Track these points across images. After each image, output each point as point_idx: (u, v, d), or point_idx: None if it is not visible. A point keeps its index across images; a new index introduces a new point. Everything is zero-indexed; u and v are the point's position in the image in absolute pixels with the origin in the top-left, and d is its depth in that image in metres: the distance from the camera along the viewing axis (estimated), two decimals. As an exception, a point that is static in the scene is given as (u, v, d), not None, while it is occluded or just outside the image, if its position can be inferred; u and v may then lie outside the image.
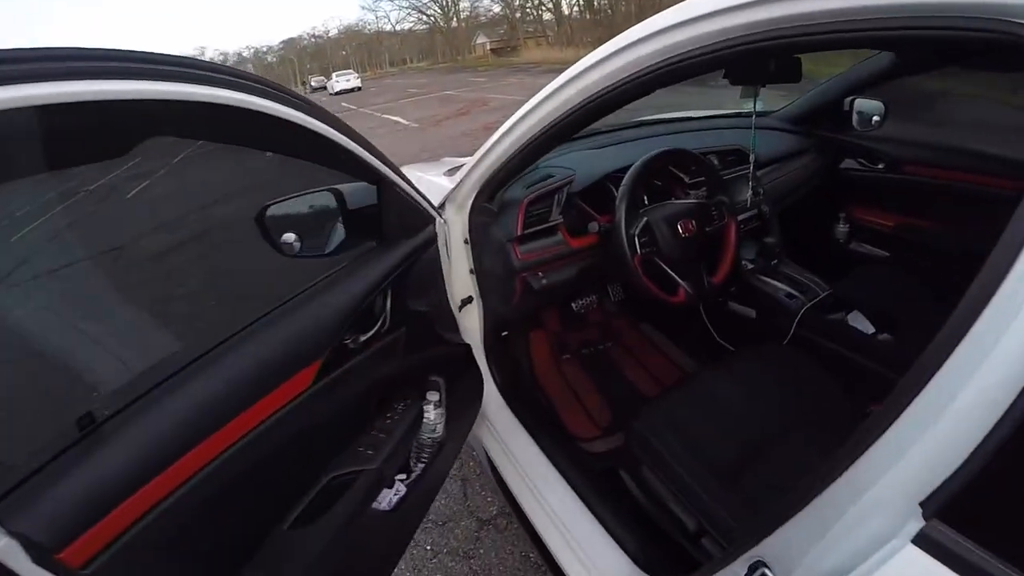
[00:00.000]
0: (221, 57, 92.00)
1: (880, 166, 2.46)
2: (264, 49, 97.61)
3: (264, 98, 0.86)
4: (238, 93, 0.82)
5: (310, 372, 1.05)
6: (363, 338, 1.23)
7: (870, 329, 1.90)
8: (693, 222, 1.73)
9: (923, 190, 2.29)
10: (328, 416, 1.15)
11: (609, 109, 1.19)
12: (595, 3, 38.55)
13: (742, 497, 1.23)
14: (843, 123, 2.43)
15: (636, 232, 1.64)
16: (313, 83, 43.23)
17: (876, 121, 2.26)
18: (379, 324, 1.28)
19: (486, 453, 1.74)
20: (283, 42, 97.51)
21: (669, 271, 1.69)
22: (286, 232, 1.13)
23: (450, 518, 2.10)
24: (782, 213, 2.29)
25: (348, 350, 1.19)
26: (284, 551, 1.06)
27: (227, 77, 0.82)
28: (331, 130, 1.01)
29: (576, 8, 41.83)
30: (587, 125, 1.30)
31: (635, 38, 1.02)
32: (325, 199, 1.22)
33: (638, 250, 1.64)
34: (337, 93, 32.03)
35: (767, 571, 0.76)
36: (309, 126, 0.96)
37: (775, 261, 2.11)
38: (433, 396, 1.47)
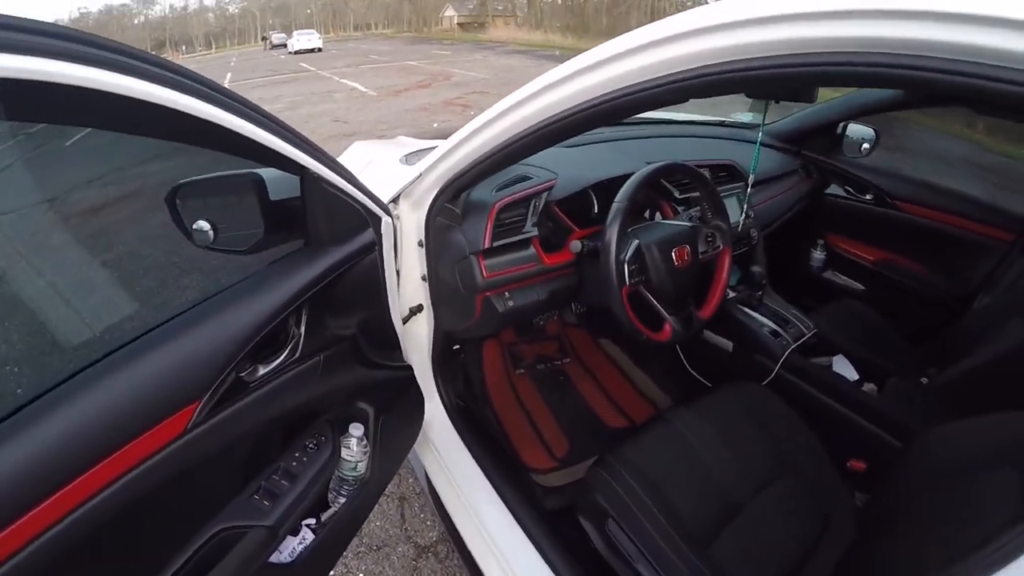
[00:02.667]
0: (183, 1, 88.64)
1: (868, 197, 2.39)
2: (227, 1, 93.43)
3: (146, 80, 0.67)
4: (114, 75, 0.64)
5: (185, 415, 0.82)
6: (263, 370, 1.00)
7: (854, 376, 1.79)
8: (688, 249, 1.51)
9: (909, 228, 2.25)
10: (215, 460, 0.93)
11: (622, 115, 0.95)
12: (569, -12, 38.34)
13: (714, 564, 1.17)
14: (833, 147, 2.38)
15: (626, 258, 1.40)
16: (274, 39, 42.12)
17: (865, 148, 2.23)
18: (288, 351, 1.05)
19: (426, 475, 1.59)
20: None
21: (657, 305, 1.47)
22: (200, 218, 0.96)
23: (386, 542, 1.91)
24: (765, 238, 2.13)
25: (243, 384, 0.97)
26: None
27: (103, 53, 0.64)
28: (234, 118, 0.80)
29: (551, -9, 41.61)
30: (592, 128, 1.06)
31: (668, 34, 0.80)
32: (242, 185, 1.00)
33: (627, 280, 1.40)
34: (296, 52, 31.47)
35: None
36: (207, 116, 0.76)
37: (760, 292, 1.94)
38: (356, 431, 1.25)
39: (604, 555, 1.28)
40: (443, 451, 1.55)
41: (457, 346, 1.83)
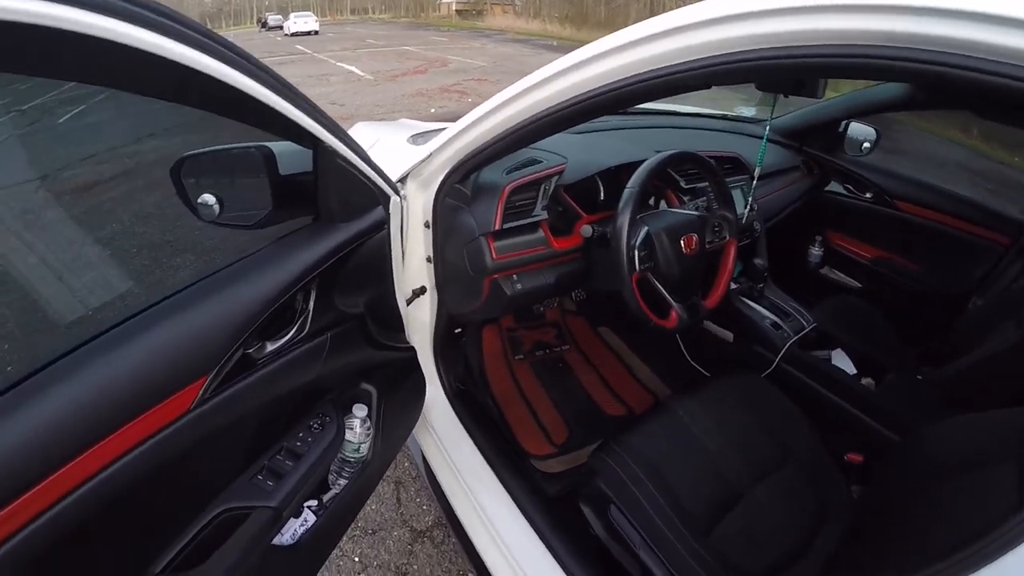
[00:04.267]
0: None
1: (868, 195, 2.41)
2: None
3: (163, 35, 0.63)
4: (130, 26, 0.60)
5: (192, 391, 0.81)
6: (271, 347, 0.99)
7: (852, 370, 1.80)
8: (695, 237, 1.52)
9: (908, 227, 2.28)
10: (219, 439, 0.91)
11: (635, 101, 0.96)
12: (568, -23, 38.21)
13: (715, 550, 1.19)
14: (835, 145, 2.39)
15: (637, 243, 1.40)
16: (270, 21, 41.33)
17: (866, 148, 2.25)
18: (296, 328, 1.04)
19: (423, 458, 1.60)
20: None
21: (664, 292, 1.47)
22: (206, 192, 0.93)
23: (381, 526, 1.90)
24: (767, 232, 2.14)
25: (250, 360, 0.95)
26: None
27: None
28: (250, 81, 0.77)
29: (549, -20, 41.48)
30: (604, 114, 1.06)
31: (683, 23, 0.81)
32: (251, 158, 0.97)
33: (637, 266, 1.40)
34: (293, 34, 31.10)
35: None
36: (221, 77, 0.72)
37: (761, 284, 1.95)
38: (360, 411, 1.23)
39: (605, 541, 1.28)
40: (443, 435, 1.55)
41: (459, 330, 1.82)
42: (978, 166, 3.08)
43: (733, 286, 1.93)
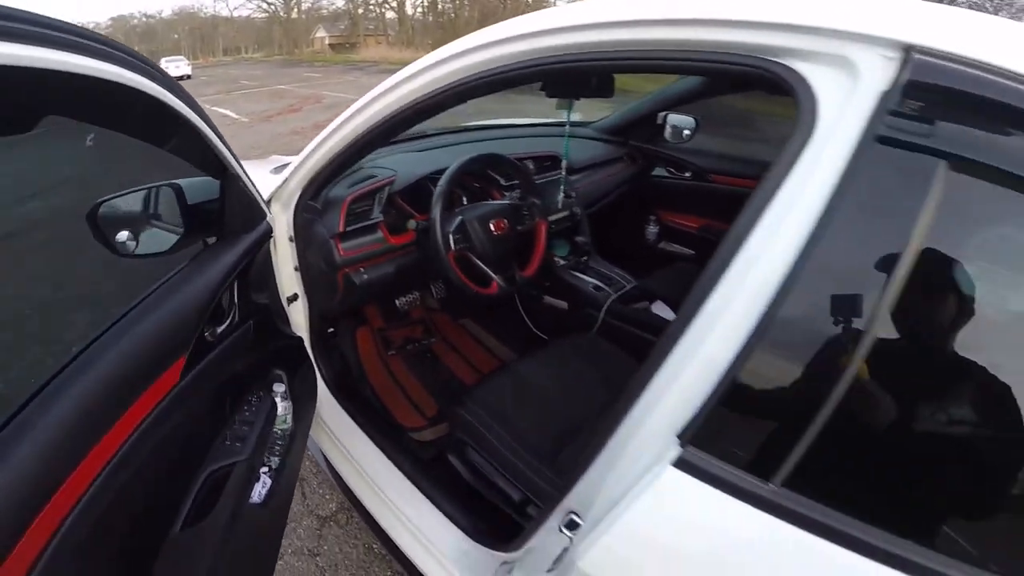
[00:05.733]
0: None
1: (687, 175, 2.79)
2: (92, 25, 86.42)
3: (112, 64, 0.76)
4: (89, 59, 0.71)
5: (178, 367, 1.00)
6: (219, 330, 1.20)
7: (671, 316, 2.11)
8: (505, 221, 1.87)
9: (724, 196, 2.64)
10: (198, 410, 1.12)
11: (433, 112, 1.25)
12: (439, 5, 38.78)
13: (560, 469, 1.36)
14: (656, 135, 2.74)
15: (451, 230, 1.75)
16: (139, 67, 39.41)
17: (687, 135, 2.57)
18: (230, 317, 1.27)
19: (320, 450, 1.80)
20: (112, 19, 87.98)
21: (482, 265, 1.82)
22: (120, 230, 1.07)
23: (291, 519, 2.07)
24: (595, 215, 2.51)
25: (207, 343, 1.15)
26: (180, 554, 1.03)
27: (71, 38, 0.69)
28: (188, 110, 0.94)
29: (420, 9, 41.96)
30: (411, 127, 1.35)
31: (460, 49, 1.11)
32: (163, 195, 1.13)
33: (452, 247, 1.74)
34: (163, 81, 29.60)
35: (575, 517, 0.89)
36: (167, 101, 0.88)
37: (585, 257, 2.30)
38: (279, 388, 1.44)
39: (469, 480, 1.52)
40: (331, 424, 1.76)
41: (332, 329, 2.06)
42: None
43: (562, 262, 2.28)
